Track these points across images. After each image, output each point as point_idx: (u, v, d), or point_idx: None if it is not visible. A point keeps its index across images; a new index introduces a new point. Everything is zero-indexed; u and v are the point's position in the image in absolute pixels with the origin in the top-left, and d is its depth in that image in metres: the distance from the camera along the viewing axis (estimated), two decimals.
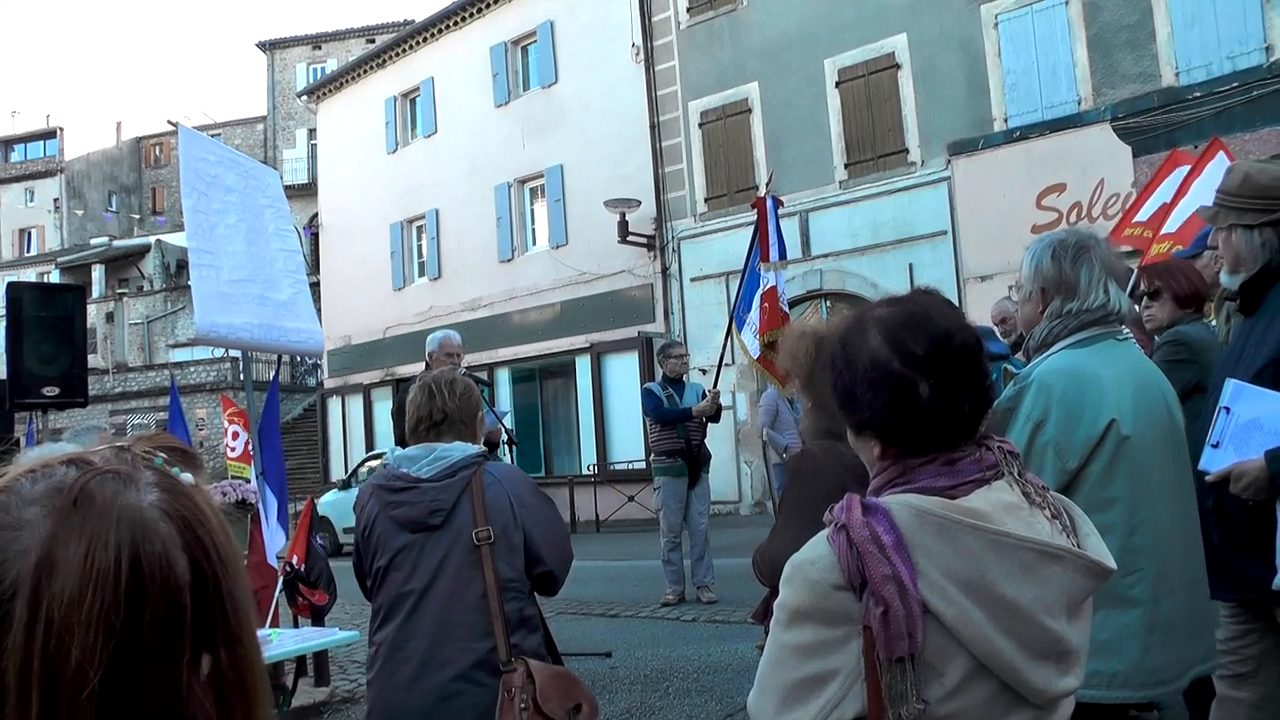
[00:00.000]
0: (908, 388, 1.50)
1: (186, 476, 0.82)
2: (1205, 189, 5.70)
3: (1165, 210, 6.16)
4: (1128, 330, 2.75)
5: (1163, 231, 6.01)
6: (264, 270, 6.37)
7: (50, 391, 7.23)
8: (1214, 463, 2.82)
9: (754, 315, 8.12)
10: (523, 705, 2.92)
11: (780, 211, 8.49)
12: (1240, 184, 3.01)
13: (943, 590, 1.39)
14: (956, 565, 1.40)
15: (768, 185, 8.76)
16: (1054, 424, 2.42)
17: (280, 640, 4.85)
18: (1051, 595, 1.42)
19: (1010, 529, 1.43)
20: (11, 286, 7.34)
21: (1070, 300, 2.58)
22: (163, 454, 0.84)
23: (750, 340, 8.18)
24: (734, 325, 8.36)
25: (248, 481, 6.89)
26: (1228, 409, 2.87)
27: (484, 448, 3.36)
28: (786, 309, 8.28)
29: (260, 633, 4.93)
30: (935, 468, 1.51)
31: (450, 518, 3.07)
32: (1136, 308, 4.30)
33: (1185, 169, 6.32)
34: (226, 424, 11.51)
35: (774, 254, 8.11)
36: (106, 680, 0.70)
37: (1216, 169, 5.74)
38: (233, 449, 10.58)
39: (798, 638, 1.45)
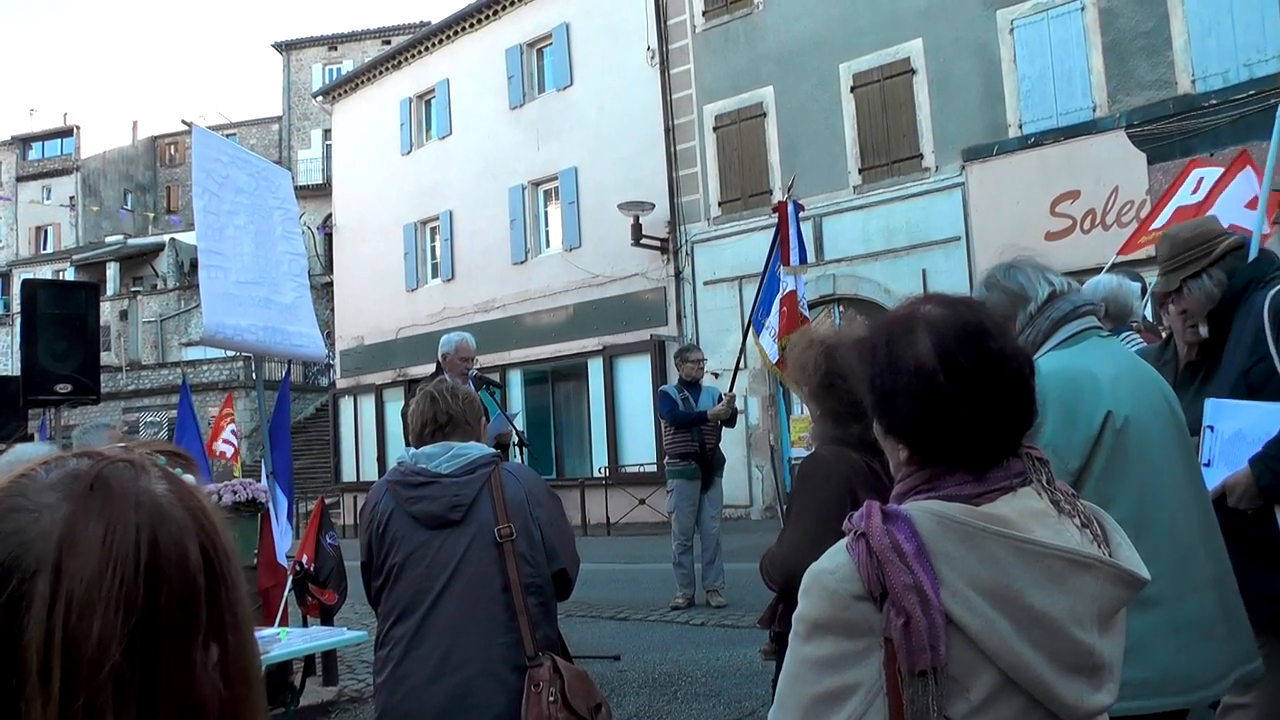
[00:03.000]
0: (949, 404, 1.44)
1: (187, 477, 0.85)
2: (1232, 202, 5.68)
3: (1185, 215, 6.12)
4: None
5: None
6: (270, 273, 6.37)
7: (63, 388, 7.26)
8: (1208, 481, 2.86)
9: (773, 319, 8.10)
10: (551, 699, 2.91)
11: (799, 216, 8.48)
12: (1170, 249, 3.37)
13: (967, 600, 1.34)
14: (982, 574, 1.35)
15: (789, 190, 8.74)
16: (1051, 426, 2.35)
17: (289, 639, 4.85)
18: (1082, 606, 1.37)
19: (1038, 537, 1.39)
20: (26, 284, 7.38)
21: (1025, 305, 2.57)
22: (163, 456, 0.86)
23: (769, 345, 8.16)
24: (752, 329, 8.34)
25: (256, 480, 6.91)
26: (1211, 428, 2.92)
27: (495, 449, 3.38)
28: (807, 313, 8.26)
29: (269, 631, 4.93)
30: (962, 474, 1.46)
31: (470, 513, 3.07)
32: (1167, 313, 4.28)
33: (1206, 172, 6.27)
34: (221, 423, 11.66)
35: (794, 258, 8.10)
36: (125, 658, 0.72)
37: (1243, 183, 5.72)
38: (224, 452, 10.70)
39: (817, 650, 1.40)
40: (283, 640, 4.75)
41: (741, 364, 9.47)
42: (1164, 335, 4.26)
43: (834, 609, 1.39)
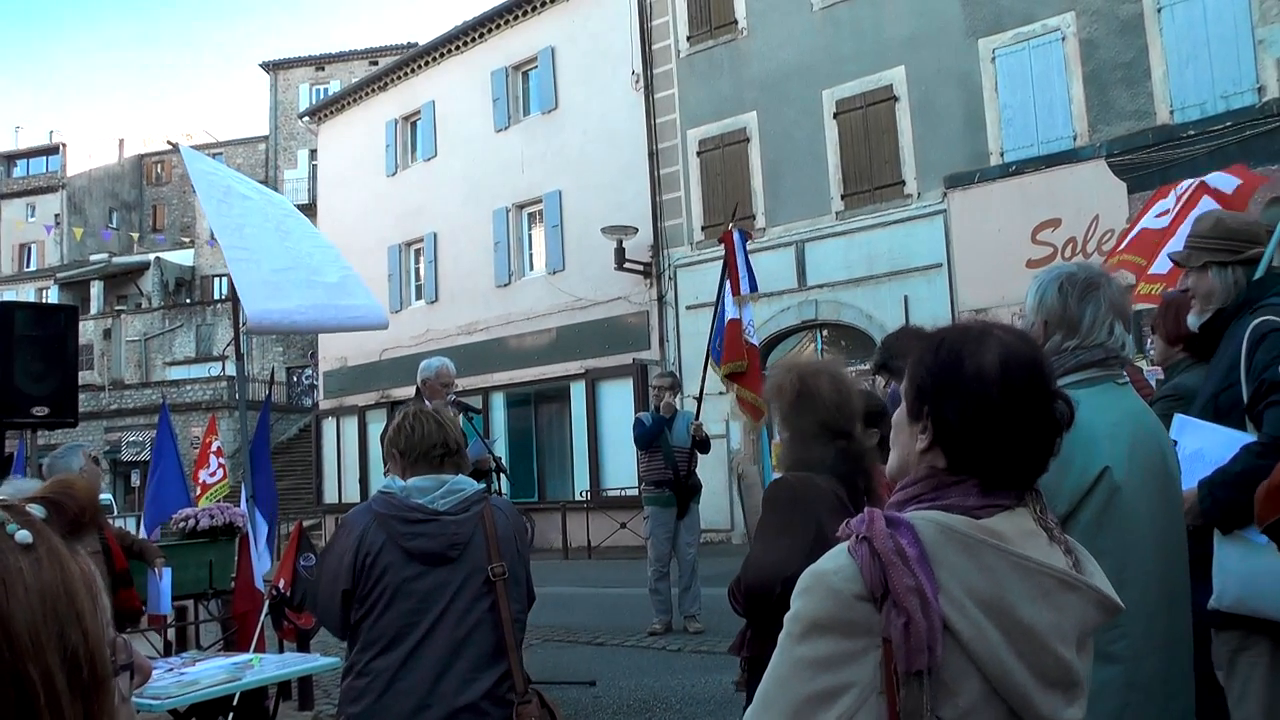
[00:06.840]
0: (990, 418, 1.50)
1: (22, 534, 0.81)
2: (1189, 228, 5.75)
3: (1150, 244, 6.20)
4: (1127, 375, 2.71)
5: (1151, 271, 6.03)
6: (304, 261, 6.31)
7: (40, 411, 7.22)
8: None
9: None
10: None
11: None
12: (1212, 227, 3.26)
13: (963, 607, 1.39)
14: (978, 583, 1.41)
15: (733, 218, 8.78)
16: None
17: (263, 666, 4.83)
18: (1067, 624, 1.44)
19: (1031, 554, 1.45)
20: (3, 306, 7.35)
21: (1071, 337, 2.51)
22: (4, 512, 0.83)
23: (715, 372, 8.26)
24: (710, 358, 8.42)
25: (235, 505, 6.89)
26: (1175, 442, 2.96)
27: (477, 479, 3.40)
28: (754, 342, 8.30)
29: (242, 658, 4.90)
30: (966, 487, 1.51)
31: (464, 551, 3.09)
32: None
33: (1169, 201, 6.35)
34: (205, 449, 11.74)
35: (744, 286, 8.14)
36: None
37: (1203, 210, 5.78)
38: (212, 474, 10.77)
39: (814, 650, 1.42)
40: (256, 666, 4.73)
41: (722, 389, 9.51)
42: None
43: (836, 608, 1.42)
